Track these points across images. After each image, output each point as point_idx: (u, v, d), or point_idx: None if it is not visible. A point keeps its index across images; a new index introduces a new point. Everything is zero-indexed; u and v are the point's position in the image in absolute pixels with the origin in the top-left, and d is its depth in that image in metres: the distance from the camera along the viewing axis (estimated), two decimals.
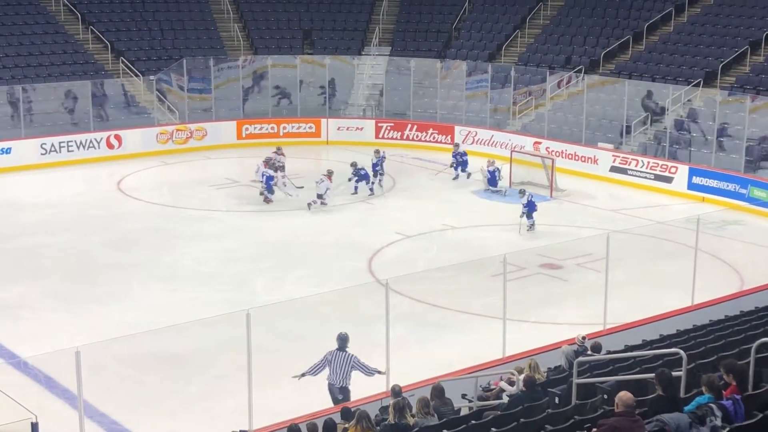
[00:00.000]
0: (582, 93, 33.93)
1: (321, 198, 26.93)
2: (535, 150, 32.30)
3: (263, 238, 24.80)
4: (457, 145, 31.85)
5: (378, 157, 29.49)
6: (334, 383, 14.35)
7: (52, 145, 32.64)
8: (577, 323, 17.35)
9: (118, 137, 33.89)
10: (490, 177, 29.41)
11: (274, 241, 24.52)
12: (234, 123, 36.45)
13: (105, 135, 33.64)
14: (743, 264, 22.50)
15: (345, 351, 14.46)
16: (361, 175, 28.72)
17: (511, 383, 13.18)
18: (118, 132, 34.01)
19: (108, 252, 23.37)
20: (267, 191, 27.74)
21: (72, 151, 32.96)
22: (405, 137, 36.57)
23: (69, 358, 11.35)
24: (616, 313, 17.30)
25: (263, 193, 27.84)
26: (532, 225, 25.06)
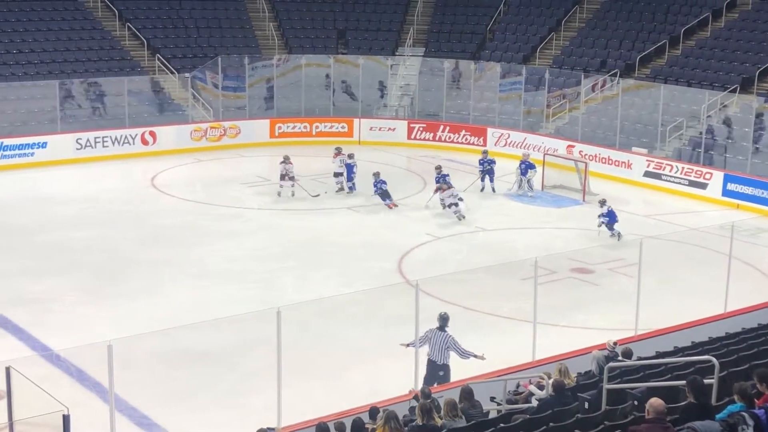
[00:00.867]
0: (617, 97, 33.72)
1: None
2: (569, 153, 32.14)
3: (293, 236, 24.85)
4: (485, 152, 30.72)
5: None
6: (436, 360, 14.90)
7: (88, 140, 32.92)
8: (607, 328, 17.24)
9: (152, 134, 34.14)
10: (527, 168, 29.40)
11: (303, 239, 24.56)
12: (267, 121, 36.59)
13: (140, 131, 33.90)
14: None
15: (444, 331, 15.02)
16: (383, 191, 27.71)
17: (541, 387, 13.12)
18: (153, 128, 34.27)
19: (140, 247, 23.53)
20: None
21: (107, 146, 33.23)
22: (437, 138, 36.51)
23: (100, 352, 11.42)
24: (647, 319, 17.17)
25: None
26: (618, 234, 24.43)
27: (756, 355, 12.72)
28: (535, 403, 12.55)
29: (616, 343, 14.51)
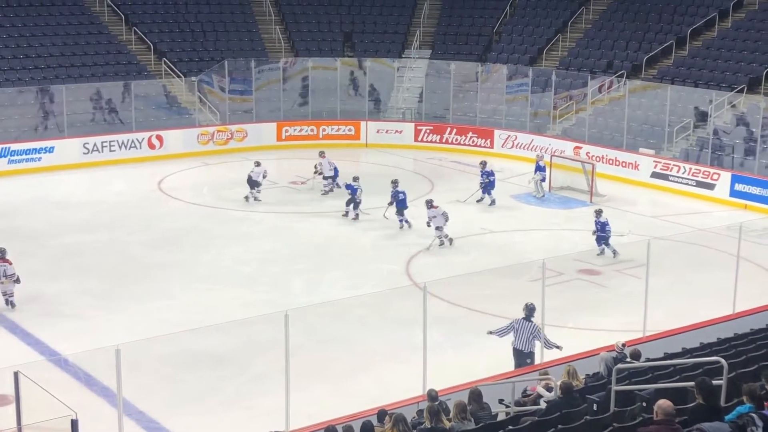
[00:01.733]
0: (623, 98, 33.69)
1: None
2: (576, 155, 32.11)
3: (301, 239, 24.88)
4: (483, 164, 28.72)
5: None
6: (522, 348, 15.55)
7: (95, 144, 32.99)
8: (615, 330, 17.20)
9: (159, 137, 34.20)
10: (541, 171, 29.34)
11: (311, 242, 24.60)
12: (274, 125, 36.62)
13: (146, 135, 33.97)
14: None
15: (530, 321, 15.58)
16: (400, 200, 25.78)
17: (549, 389, 13.10)
18: (160, 132, 34.34)
19: (148, 251, 23.58)
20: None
21: (114, 150, 33.30)
22: (444, 140, 36.53)
23: (109, 356, 11.45)
24: (655, 320, 17.14)
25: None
26: (613, 252, 23.15)
27: (765, 356, 12.68)
28: (543, 405, 12.54)
29: (624, 345, 14.48)
